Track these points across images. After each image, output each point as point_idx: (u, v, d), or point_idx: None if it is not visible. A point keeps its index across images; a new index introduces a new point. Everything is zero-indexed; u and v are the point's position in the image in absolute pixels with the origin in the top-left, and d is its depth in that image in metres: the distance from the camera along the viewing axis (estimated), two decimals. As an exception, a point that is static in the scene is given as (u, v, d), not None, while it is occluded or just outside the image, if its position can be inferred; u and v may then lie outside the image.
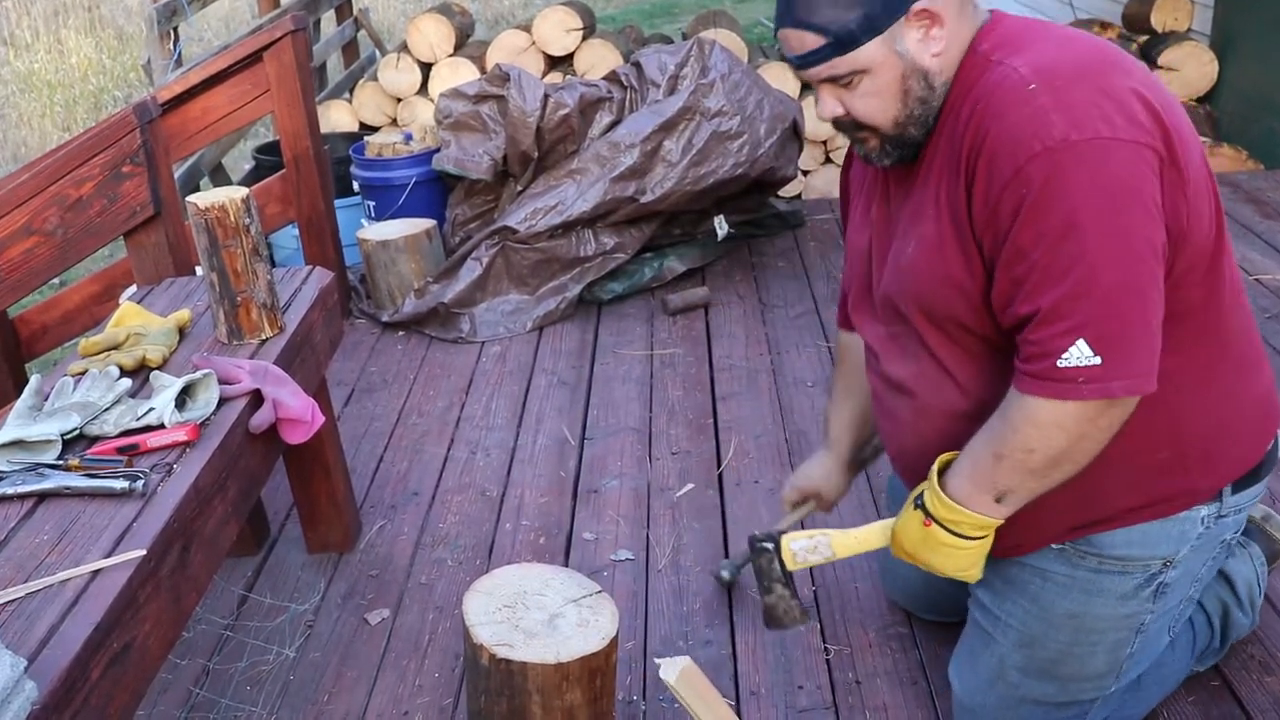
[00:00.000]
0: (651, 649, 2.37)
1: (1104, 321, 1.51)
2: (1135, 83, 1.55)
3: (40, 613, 1.54)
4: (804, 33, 1.63)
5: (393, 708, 2.27)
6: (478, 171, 4.26)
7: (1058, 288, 1.51)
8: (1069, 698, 1.89)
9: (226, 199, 2.23)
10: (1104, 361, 1.51)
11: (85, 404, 2.02)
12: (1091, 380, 1.52)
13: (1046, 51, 1.58)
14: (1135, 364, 1.53)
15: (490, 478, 3.08)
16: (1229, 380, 1.73)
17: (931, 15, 1.61)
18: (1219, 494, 1.77)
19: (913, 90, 1.64)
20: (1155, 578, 1.79)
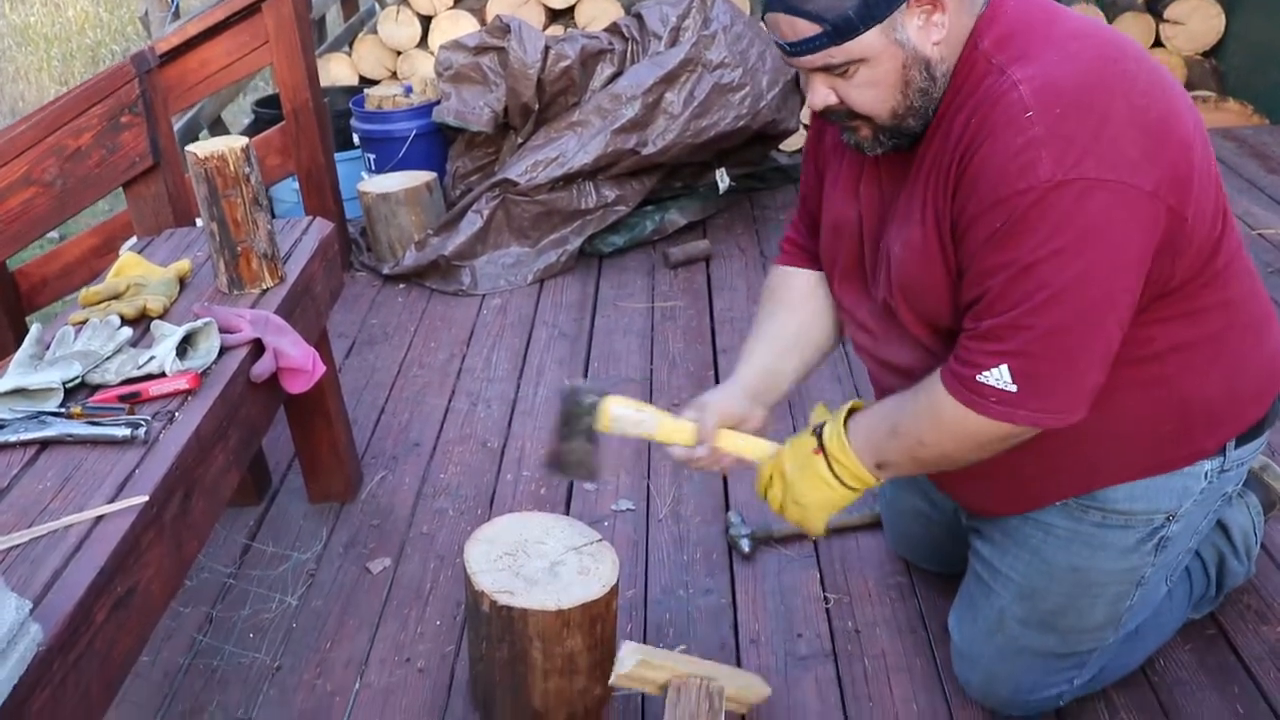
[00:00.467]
0: (652, 597, 2.39)
1: (1033, 358, 1.51)
2: (1137, 99, 1.49)
3: (44, 557, 1.55)
4: (796, 19, 1.52)
5: (395, 654, 2.28)
6: (478, 124, 4.24)
7: (1003, 315, 1.52)
8: (1068, 649, 1.91)
9: (226, 148, 2.22)
10: (1018, 391, 1.53)
11: (87, 353, 2.02)
12: (1001, 403, 1.54)
13: (1049, 63, 1.50)
14: (1050, 401, 1.54)
15: (491, 429, 3.09)
16: (1237, 347, 1.72)
17: (934, 2, 1.52)
18: (1223, 448, 1.77)
19: (914, 81, 1.55)
20: (1158, 531, 1.80)
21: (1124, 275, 1.50)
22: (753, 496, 2.64)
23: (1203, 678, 2.06)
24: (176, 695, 2.23)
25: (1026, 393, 1.53)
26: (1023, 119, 1.46)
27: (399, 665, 2.26)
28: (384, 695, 2.19)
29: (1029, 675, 1.94)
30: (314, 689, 2.22)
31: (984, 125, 1.51)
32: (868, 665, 2.16)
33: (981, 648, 1.98)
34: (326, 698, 2.19)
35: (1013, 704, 1.98)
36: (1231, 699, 2.01)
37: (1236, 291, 1.69)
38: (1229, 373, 1.71)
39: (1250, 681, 2.04)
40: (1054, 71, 1.49)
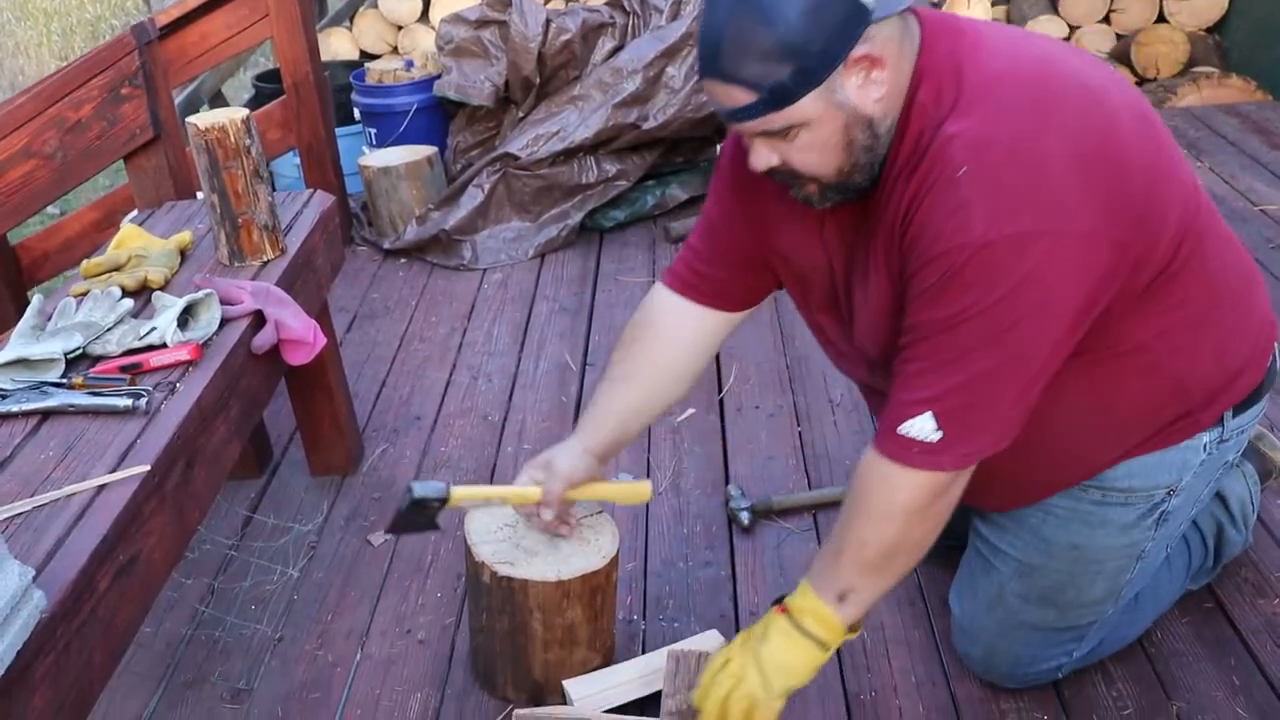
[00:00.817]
0: (652, 569, 2.40)
1: (956, 403, 1.51)
2: (1071, 136, 1.46)
3: (47, 526, 1.56)
4: (731, 87, 1.48)
5: (395, 626, 2.30)
6: (479, 97, 4.23)
7: (927, 362, 1.52)
8: (1067, 623, 1.91)
9: (226, 120, 2.22)
10: (943, 438, 1.52)
11: (88, 324, 2.03)
12: (925, 453, 1.54)
13: (982, 115, 1.47)
14: (973, 443, 1.54)
15: (492, 402, 3.09)
16: (1222, 319, 1.71)
17: (872, 59, 1.48)
18: (1220, 419, 1.77)
19: (857, 140, 1.52)
20: (1158, 506, 1.80)
21: (1056, 321, 1.49)
22: (753, 471, 2.66)
23: (1199, 650, 2.06)
24: (179, 666, 2.24)
25: (951, 438, 1.52)
26: (957, 176, 1.45)
27: (400, 636, 2.27)
28: (385, 666, 2.20)
29: (1028, 648, 1.95)
30: (315, 660, 2.23)
31: (923, 182, 1.49)
32: (866, 637, 2.17)
33: (981, 622, 1.98)
34: (328, 668, 2.21)
35: (1012, 676, 1.99)
36: (1228, 671, 2.01)
37: (1214, 265, 1.68)
38: (1218, 345, 1.71)
39: (1247, 654, 2.04)
40: (986, 124, 1.47)
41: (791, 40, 1.43)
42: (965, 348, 1.49)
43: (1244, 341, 1.76)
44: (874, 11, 1.46)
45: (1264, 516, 2.36)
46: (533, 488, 1.92)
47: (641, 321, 1.97)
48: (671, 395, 1.98)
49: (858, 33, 1.45)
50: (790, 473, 2.67)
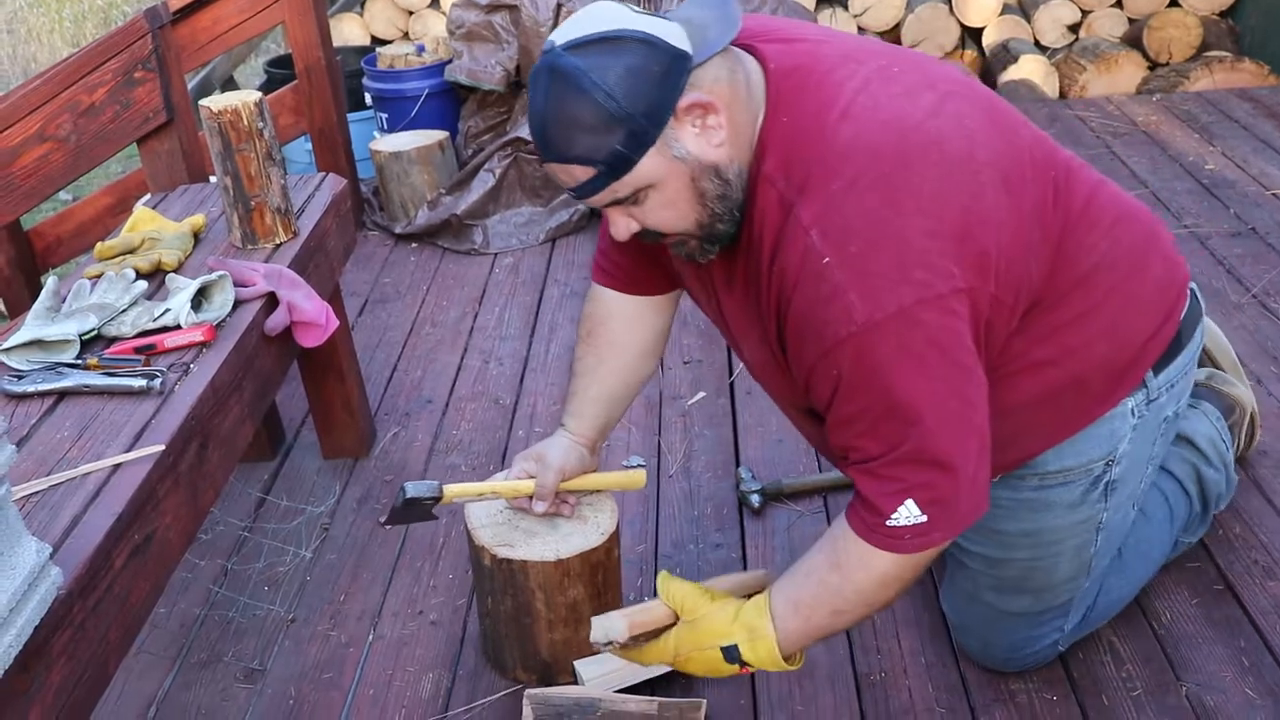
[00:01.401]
0: (662, 552, 2.41)
1: (931, 486, 1.50)
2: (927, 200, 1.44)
3: (63, 504, 1.57)
4: (570, 166, 1.47)
5: (408, 607, 2.31)
6: (490, 82, 4.24)
7: (883, 456, 1.50)
8: (1044, 606, 1.92)
9: (239, 102, 2.23)
10: (929, 519, 1.51)
11: (102, 305, 2.04)
12: (916, 535, 1.52)
13: (832, 196, 1.44)
14: (958, 515, 1.54)
15: (503, 386, 3.10)
16: (1109, 305, 1.67)
17: (703, 105, 1.45)
18: (1142, 381, 1.75)
19: (708, 190, 1.50)
20: (1100, 479, 1.79)
21: (968, 374, 1.49)
22: (763, 453, 2.66)
23: (1209, 631, 2.07)
24: (193, 646, 2.26)
25: (936, 518, 1.52)
26: (821, 267, 1.43)
27: (412, 618, 2.28)
28: (397, 647, 2.21)
29: (1017, 634, 1.96)
30: (328, 640, 2.24)
31: (789, 276, 1.48)
32: (876, 619, 2.17)
33: (967, 617, 2.01)
34: (340, 649, 2.22)
35: (1011, 661, 2.00)
36: (1237, 652, 2.02)
37: (1095, 259, 1.65)
38: (1110, 329, 1.68)
39: (1256, 635, 2.05)
40: (841, 212, 1.44)
41: (613, 108, 1.42)
42: (905, 430, 1.47)
43: (1141, 315, 1.71)
44: (693, 57, 1.45)
45: (1274, 499, 2.36)
46: (525, 481, 1.95)
47: (590, 315, 2.01)
48: (643, 371, 2.02)
49: (681, 81, 1.44)
50: (800, 455, 2.67)
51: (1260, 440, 2.47)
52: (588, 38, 1.43)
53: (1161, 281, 1.74)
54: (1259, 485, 2.40)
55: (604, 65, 1.42)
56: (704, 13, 1.50)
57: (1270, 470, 2.45)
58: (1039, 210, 1.57)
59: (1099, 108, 4.89)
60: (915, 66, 1.59)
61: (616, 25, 1.44)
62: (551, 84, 1.44)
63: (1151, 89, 5.08)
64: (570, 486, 1.98)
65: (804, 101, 1.51)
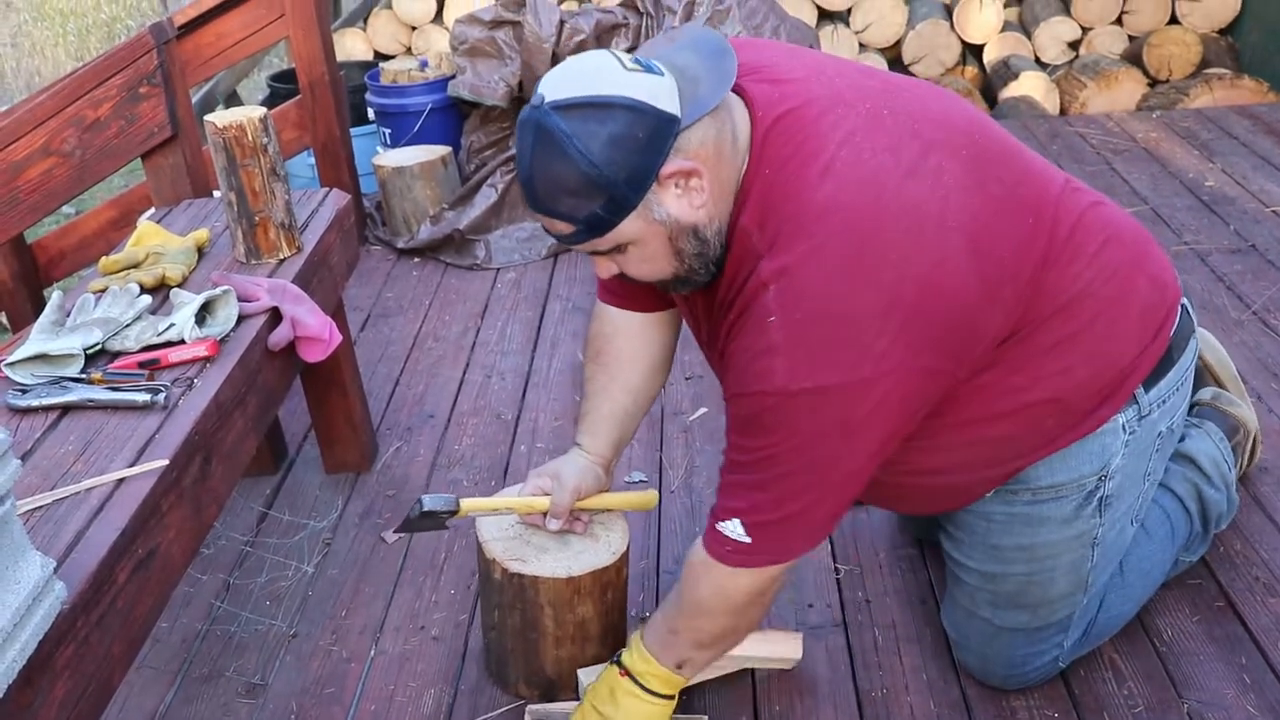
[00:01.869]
0: (664, 568, 2.41)
1: (767, 523, 1.59)
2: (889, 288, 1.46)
3: (67, 518, 1.58)
4: (553, 220, 1.53)
5: (410, 622, 2.31)
6: (493, 98, 4.25)
7: (741, 478, 1.59)
8: (1042, 622, 1.92)
9: (244, 118, 2.24)
10: (753, 543, 1.60)
11: (107, 320, 2.05)
12: (737, 552, 1.62)
13: (798, 257, 1.47)
14: (781, 549, 1.63)
15: (505, 401, 3.11)
16: (1091, 333, 1.68)
17: (686, 171, 1.49)
18: (1132, 398, 1.75)
19: (685, 249, 1.55)
20: (1093, 494, 1.80)
21: (862, 453, 1.55)
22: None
23: (1210, 648, 2.07)
24: (194, 660, 2.26)
25: (759, 543, 1.61)
26: (765, 323, 1.48)
27: (414, 633, 2.28)
28: (399, 662, 2.21)
29: (1015, 650, 1.96)
30: (329, 655, 2.25)
31: (738, 318, 1.54)
32: (878, 635, 2.18)
33: (966, 633, 2.01)
34: (342, 664, 2.22)
35: (1011, 679, 2.00)
36: (1238, 669, 2.02)
37: (1078, 285, 1.65)
38: (1091, 355, 1.68)
39: (1258, 653, 2.05)
40: (802, 272, 1.47)
41: (594, 176, 1.45)
42: (774, 476, 1.56)
43: (1125, 339, 1.72)
44: (682, 120, 1.47)
45: (1275, 516, 2.36)
46: (541, 498, 1.96)
47: (596, 334, 2.03)
48: (653, 386, 2.05)
49: (666, 146, 1.46)
50: (802, 471, 2.67)
51: (1261, 458, 2.47)
52: (575, 100, 1.45)
53: (1148, 304, 1.75)
54: (1260, 502, 2.41)
55: (589, 132, 1.44)
56: (699, 62, 1.52)
57: (1271, 487, 2.45)
58: (1016, 254, 1.59)
59: (1099, 124, 4.91)
60: (906, 111, 1.59)
61: (605, 90, 1.45)
62: (537, 143, 1.47)
63: (1151, 106, 5.09)
64: (584, 505, 1.99)
65: (787, 154, 1.53)
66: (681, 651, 1.80)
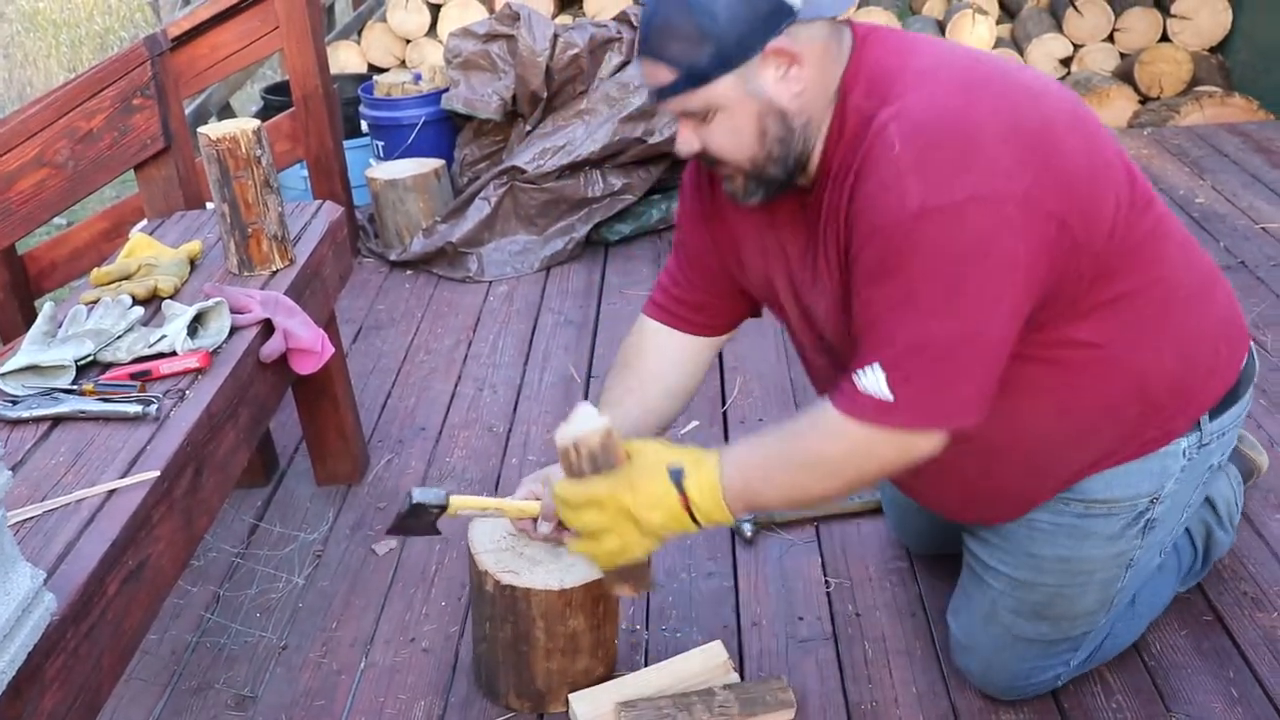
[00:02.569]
0: (654, 579, 2.40)
1: (909, 369, 1.52)
2: (1005, 115, 1.50)
3: (58, 530, 1.58)
4: (658, 65, 1.56)
5: (400, 634, 2.31)
6: (486, 111, 4.26)
7: (885, 342, 1.53)
8: (1060, 634, 1.92)
9: (238, 130, 2.25)
10: (895, 400, 1.53)
11: (98, 331, 2.05)
12: (880, 410, 1.54)
13: (913, 99, 1.51)
14: (926, 411, 1.55)
15: (497, 414, 3.11)
16: (1180, 317, 1.71)
17: (791, 55, 1.53)
18: (1197, 424, 1.78)
19: (769, 131, 1.58)
20: (1143, 515, 1.81)
21: (1005, 283, 1.50)
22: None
23: (1198, 662, 2.08)
24: (184, 672, 2.25)
25: (903, 402, 1.53)
26: (890, 155, 1.48)
27: (404, 645, 2.28)
28: (389, 674, 2.21)
29: (1025, 661, 1.96)
30: (320, 667, 2.24)
31: (860, 169, 1.53)
32: (868, 648, 2.18)
33: (978, 638, 2.00)
34: (332, 676, 2.22)
35: (1011, 689, 2.00)
36: (1226, 683, 2.02)
37: (1168, 267, 1.69)
38: (1179, 344, 1.71)
39: (1245, 667, 2.05)
40: (917, 105, 1.50)
41: (710, 27, 1.51)
42: (918, 316, 1.50)
43: (1207, 342, 1.76)
44: (799, 12, 1.52)
45: (1262, 531, 2.37)
46: (532, 502, 1.93)
47: (631, 346, 2.03)
48: (667, 412, 2.02)
49: (778, 27, 1.52)
50: (793, 485, 2.68)
51: (1250, 474, 2.48)
52: None
53: (1229, 325, 1.80)
54: (1248, 517, 2.41)
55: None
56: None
57: (1259, 503, 2.46)
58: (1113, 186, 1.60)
59: (1090, 140, 4.91)
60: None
61: None
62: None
63: (1142, 123, 5.12)
64: None
65: (890, 45, 1.60)
66: (763, 499, 1.70)
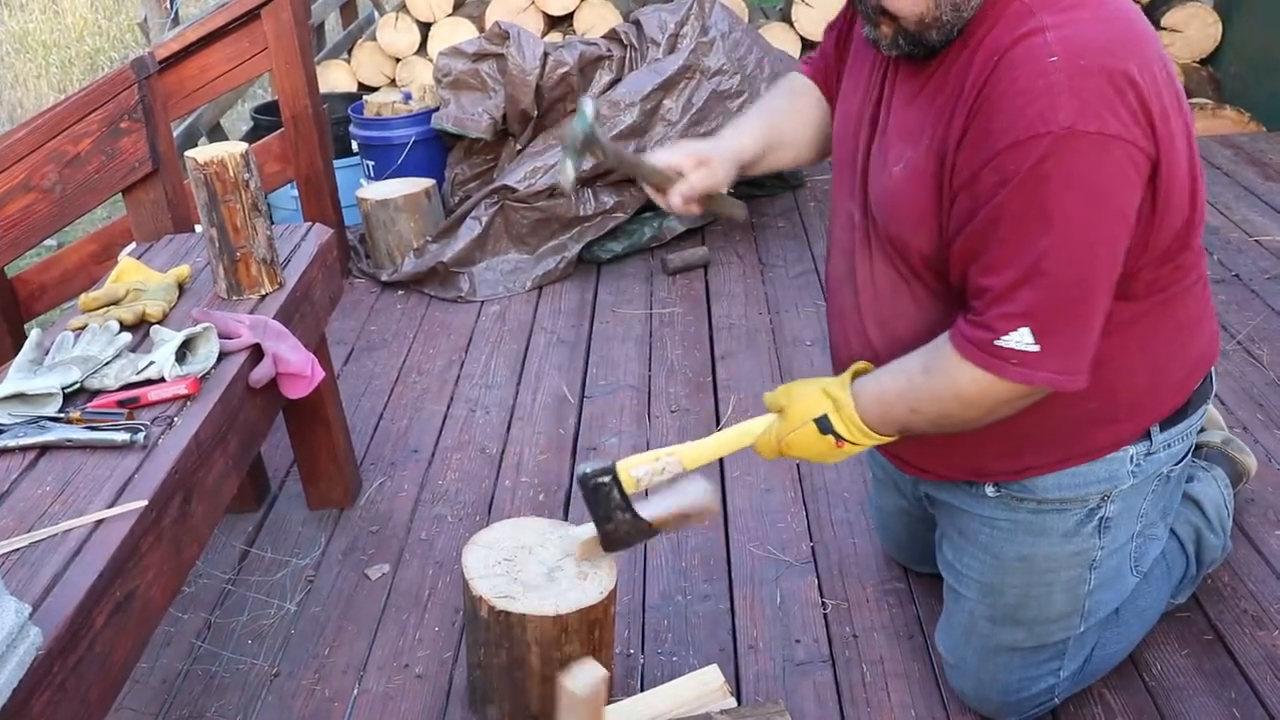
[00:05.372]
0: (650, 603, 2.39)
1: (1052, 316, 1.52)
2: (1151, 74, 1.51)
3: (44, 561, 1.55)
4: None
5: (393, 660, 2.28)
6: (477, 130, 4.25)
7: (1016, 271, 1.51)
8: (1038, 641, 1.92)
9: (225, 153, 2.23)
10: (1041, 351, 1.53)
11: (86, 358, 2.03)
12: (1023, 365, 1.54)
13: (1082, 18, 1.51)
14: (1069, 361, 1.55)
15: (490, 435, 3.09)
16: (1170, 340, 1.75)
17: None
18: (1146, 433, 1.80)
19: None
20: (1095, 512, 1.83)
21: (1123, 232, 1.52)
22: (752, 503, 2.66)
23: (1199, 682, 2.06)
24: (175, 701, 2.23)
25: (1048, 352, 1.53)
26: (1046, 63, 1.47)
27: (397, 671, 2.26)
28: (383, 701, 2.19)
29: (1012, 673, 1.95)
30: (312, 694, 2.22)
31: (1006, 65, 1.51)
32: (865, 671, 2.16)
33: (963, 653, 2.00)
34: (325, 703, 2.19)
35: (1006, 706, 1.98)
36: (1228, 704, 2.01)
37: (1181, 288, 1.73)
38: (1157, 362, 1.75)
39: (1247, 686, 2.04)
40: (1086, 26, 1.50)
41: None
42: (1050, 252, 1.49)
43: (1179, 368, 1.80)
44: None
45: (1262, 548, 2.36)
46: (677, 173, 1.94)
47: (786, 82, 2.15)
48: (809, 139, 2.09)
49: None
50: (789, 505, 2.66)
51: (1246, 487, 2.47)
52: None
53: (1202, 354, 1.84)
54: (1247, 534, 2.40)
55: None
56: None
57: (1257, 519, 2.45)
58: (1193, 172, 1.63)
59: (1082, 154, 4.91)
60: None
61: None
62: None
63: (1133, 136, 5.11)
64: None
65: None
66: (911, 426, 1.72)
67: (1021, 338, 1.53)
